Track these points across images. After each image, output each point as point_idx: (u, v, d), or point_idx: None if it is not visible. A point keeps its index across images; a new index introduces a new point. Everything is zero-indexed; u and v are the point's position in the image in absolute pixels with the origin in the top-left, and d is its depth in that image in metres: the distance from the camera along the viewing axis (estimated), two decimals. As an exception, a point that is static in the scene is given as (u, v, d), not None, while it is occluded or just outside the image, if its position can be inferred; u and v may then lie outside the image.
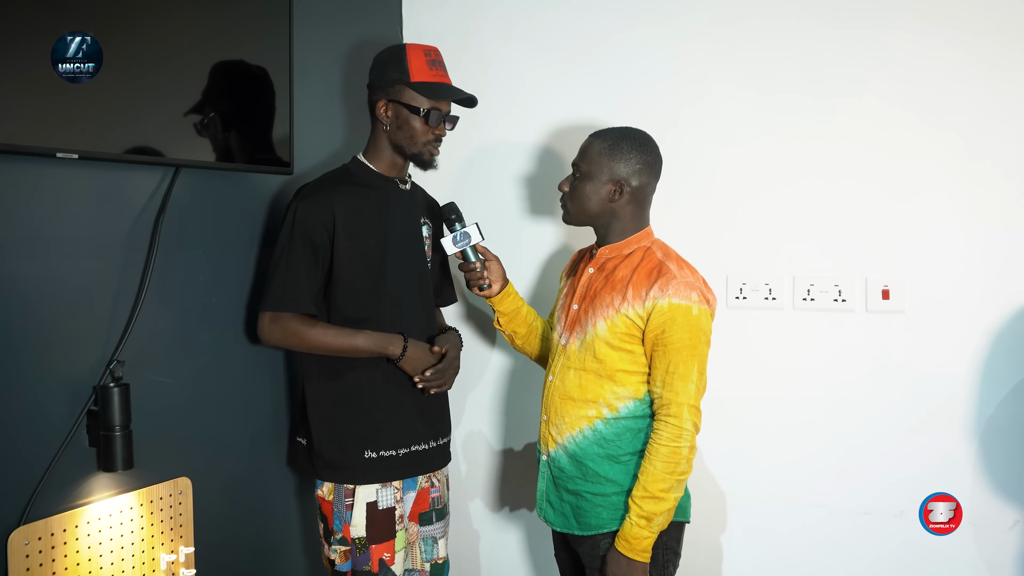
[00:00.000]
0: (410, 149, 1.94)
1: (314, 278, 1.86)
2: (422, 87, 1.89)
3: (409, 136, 1.92)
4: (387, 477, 1.91)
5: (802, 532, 2.21)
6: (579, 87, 2.37)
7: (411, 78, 1.89)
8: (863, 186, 2.13)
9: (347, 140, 2.32)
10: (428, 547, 2.02)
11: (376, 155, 1.97)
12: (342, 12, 2.29)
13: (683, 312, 1.72)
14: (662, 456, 1.72)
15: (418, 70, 1.89)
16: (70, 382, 1.56)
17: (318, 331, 1.85)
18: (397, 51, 1.93)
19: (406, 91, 1.90)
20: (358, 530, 1.89)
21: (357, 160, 1.99)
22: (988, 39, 2.03)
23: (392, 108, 1.92)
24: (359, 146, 2.29)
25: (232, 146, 1.81)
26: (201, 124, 1.71)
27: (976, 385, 2.08)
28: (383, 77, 1.92)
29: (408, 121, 1.91)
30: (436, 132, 1.93)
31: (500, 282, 2.00)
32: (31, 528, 1.46)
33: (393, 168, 1.98)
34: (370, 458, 1.90)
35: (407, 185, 2.02)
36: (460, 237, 1.94)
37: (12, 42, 1.37)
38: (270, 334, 1.85)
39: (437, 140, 1.95)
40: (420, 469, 1.98)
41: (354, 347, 1.87)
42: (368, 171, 1.97)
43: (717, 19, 2.24)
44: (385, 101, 1.92)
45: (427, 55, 1.92)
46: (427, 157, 1.95)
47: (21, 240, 1.47)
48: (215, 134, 1.75)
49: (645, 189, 1.84)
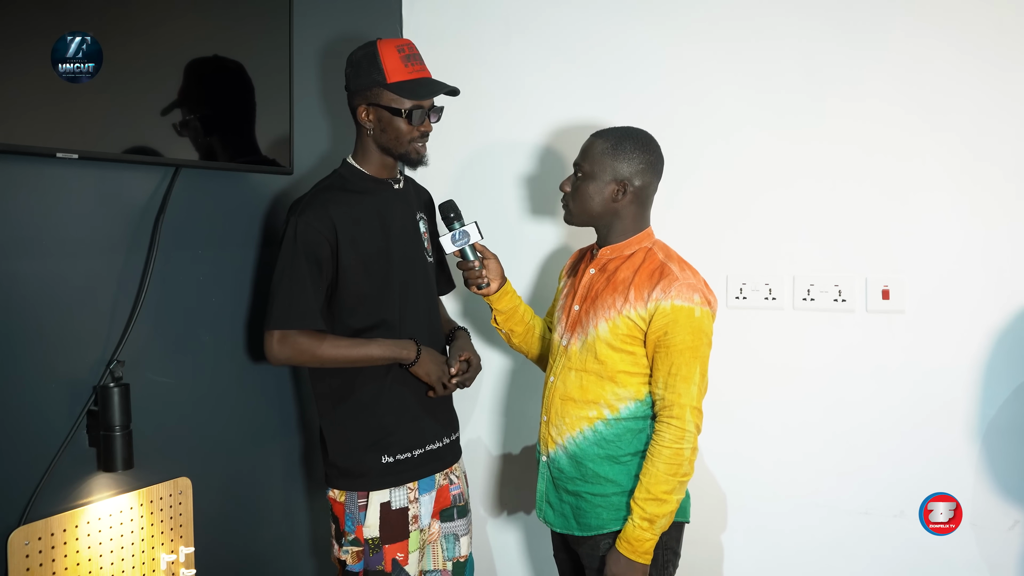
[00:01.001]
0: (397, 150, 1.90)
1: (319, 293, 1.83)
2: (400, 87, 1.84)
3: (394, 138, 1.88)
4: (403, 480, 1.90)
5: (802, 532, 2.21)
6: (579, 87, 2.37)
7: (387, 79, 1.83)
8: (863, 186, 2.13)
9: (348, 140, 2.31)
10: (450, 544, 2.01)
11: (365, 158, 1.94)
12: (342, 12, 2.29)
13: (685, 314, 1.72)
14: (664, 458, 1.72)
15: (394, 69, 1.84)
16: (70, 382, 1.56)
17: (329, 345, 1.82)
18: (369, 51, 1.86)
19: (385, 93, 1.85)
20: (371, 531, 1.87)
21: (348, 165, 1.95)
22: (988, 39, 2.03)
23: (373, 112, 1.87)
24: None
25: (231, 146, 1.81)
26: (201, 124, 1.71)
27: (976, 385, 2.08)
28: (359, 80, 1.87)
29: (391, 123, 1.87)
30: (421, 129, 1.89)
31: (498, 281, 2.00)
32: (31, 528, 1.46)
33: (384, 169, 1.95)
34: (387, 463, 1.89)
35: (399, 184, 1.99)
36: (459, 236, 1.94)
37: (12, 42, 1.36)
38: (279, 353, 1.80)
39: (423, 136, 1.90)
40: (435, 467, 1.98)
41: (368, 356, 1.85)
42: (360, 175, 1.93)
43: (717, 19, 2.24)
44: (365, 106, 1.87)
45: (400, 51, 1.86)
46: (415, 156, 1.91)
47: (21, 240, 1.47)
48: (215, 134, 1.75)
49: (647, 189, 1.84)
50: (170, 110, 1.65)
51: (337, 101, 2.29)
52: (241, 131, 1.84)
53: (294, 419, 2.16)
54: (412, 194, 2.05)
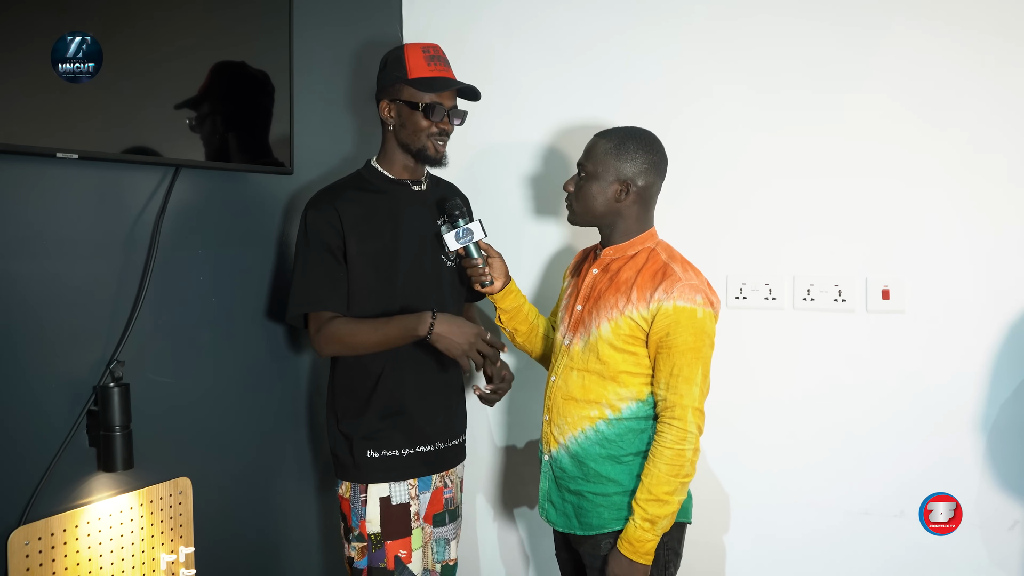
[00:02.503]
0: (415, 145, 1.94)
1: (337, 279, 1.89)
2: (419, 82, 1.90)
3: (412, 132, 1.93)
4: (396, 476, 1.93)
5: (802, 532, 2.21)
6: (579, 86, 2.37)
7: (409, 75, 1.91)
8: (863, 186, 2.13)
9: (348, 140, 2.32)
10: (440, 548, 2.03)
11: (388, 158, 1.99)
12: (342, 12, 2.29)
13: (688, 315, 1.72)
14: (666, 459, 1.72)
15: (416, 66, 1.91)
16: (70, 382, 1.56)
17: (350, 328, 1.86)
18: (397, 52, 1.95)
19: (405, 88, 1.92)
20: (373, 526, 1.91)
21: (370, 165, 2.01)
22: (989, 38, 2.03)
23: (394, 107, 1.94)
24: (360, 146, 2.30)
25: (232, 146, 1.81)
26: (201, 124, 1.71)
27: (976, 385, 2.08)
28: (384, 79, 1.95)
29: (410, 117, 1.92)
30: (440, 126, 1.93)
31: (502, 279, 2.00)
32: (31, 528, 1.46)
33: (405, 171, 1.99)
34: (372, 458, 1.92)
35: (422, 186, 2.02)
36: (463, 233, 1.94)
37: (12, 42, 1.36)
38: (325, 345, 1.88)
39: (442, 134, 1.94)
40: (431, 469, 1.99)
41: (386, 336, 1.86)
42: (379, 176, 1.99)
43: (717, 18, 2.24)
44: (387, 101, 1.94)
45: (425, 52, 1.94)
46: (432, 152, 1.94)
47: (21, 240, 1.47)
48: (215, 134, 1.75)
49: (651, 189, 1.84)
50: (170, 110, 1.65)
51: (337, 101, 2.29)
52: (241, 131, 1.84)
53: (294, 419, 2.16)
54: (437, 196, 2.04)
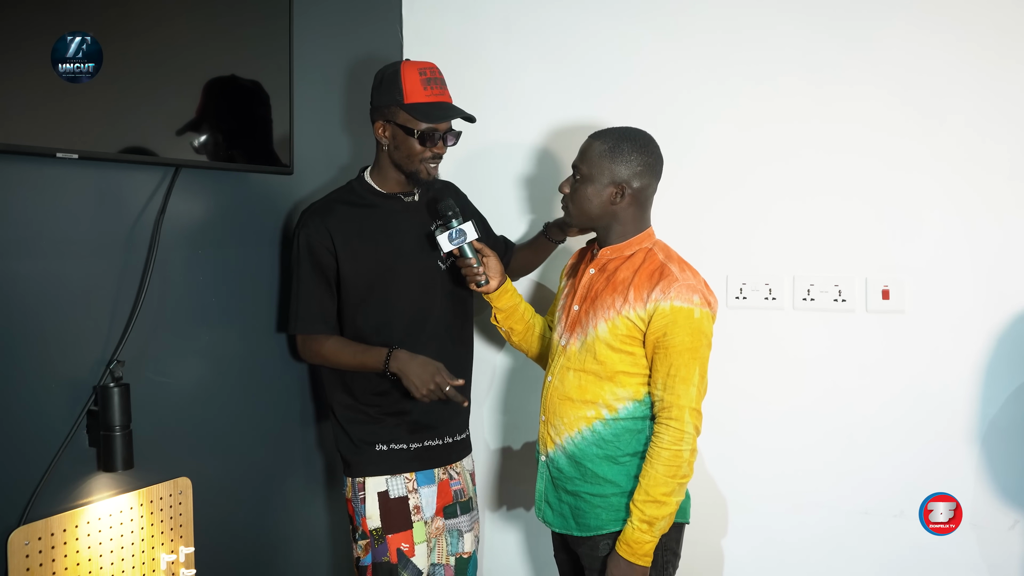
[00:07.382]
0: (408, 167, 1.96)
1: (327, 298, 1.95)
2: (415, 108, 1.90)
3: (406, 156, 1.94)
4: (391, 470, 1.97)
5: (802, 532, 2.21)
6: (578, 88, 2.37)
7: (405, 99, 1.90)
8: (863, 186, 2.13)
9: (348, 140, 2.32)
10: (454, 540, 2.04)
11: (381, 174, 2.01)
12: (342, 12, 2.29)
13: (685, 315, 1.72)
14: (663, 460, 1.72)
15: (412, 90, 1.90)
16: (70, 382, 1.56)
17: (331, 348, 1.96)
18: (393, 70, 1.93)
19: (401, 113, 1.91)
20: (374, 521, 1.95)
21: (362, 179, 2.02)
22: (988, 37, 2.03)
23: (389, 129, 1.94)
24: (360, 146, 2.30)
25: (232, 146, 1.81)
26: (201, 124, 1.71)
27: (976, 385, 2.08)
28: (380, 98, 1.95)
29: (404, 142, 1.93)
30: (434, 151, 1.94)
31: (498, 278, 2.00)
32: (31, 528, 1.46)
33: (397, 185, 2.01)
34: (368, 452, 1.97)
35: (414, 197, 2.03)
36: (456, 234, 1.94)
37: (12, 42, 1.36)
38: (308, 357, 2.03)
39: (435, 158, 1.96)
40: (429, 463, 2.01)
41: (363, 363, 1.95)
42: (370, 190, 2.01)
43: (717, 19, 2.23)
44: (382, 122, 1.95)
45: (422, 73, 1.92)
46: (423, 176, 1.96)
47: (21, 240, 1.47)
48: (215, 134, 1.75)
49: (646, 190, 1.83)
50: (170, 110, 1.65)
51: (337, 101, 2.29)
52: (241, 131, 1.84)
53: (294, 418, 2.16)
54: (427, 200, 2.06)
